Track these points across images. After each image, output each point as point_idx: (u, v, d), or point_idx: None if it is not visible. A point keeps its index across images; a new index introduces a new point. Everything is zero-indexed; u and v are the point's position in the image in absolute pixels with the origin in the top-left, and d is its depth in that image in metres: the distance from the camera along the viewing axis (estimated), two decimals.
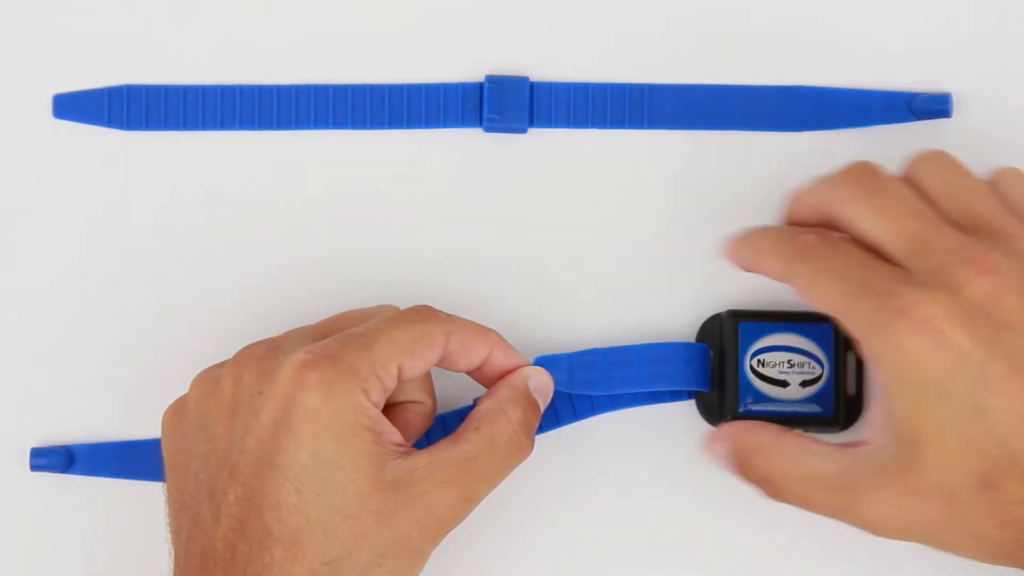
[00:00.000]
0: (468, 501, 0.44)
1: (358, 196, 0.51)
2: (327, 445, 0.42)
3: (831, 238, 0.44)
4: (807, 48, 0.52)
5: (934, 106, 0.51)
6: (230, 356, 0.45)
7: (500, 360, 0.47)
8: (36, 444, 0.50)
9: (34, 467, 0.50)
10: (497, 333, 0.47)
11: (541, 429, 0.49)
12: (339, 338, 0.44)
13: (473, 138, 0.51)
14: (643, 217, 0.51)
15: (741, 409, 0.48)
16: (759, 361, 0.48)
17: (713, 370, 0.49)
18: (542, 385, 0.47)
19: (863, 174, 0.44)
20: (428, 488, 0.43)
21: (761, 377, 0.48)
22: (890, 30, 0.52)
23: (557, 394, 0.49)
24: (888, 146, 0.51)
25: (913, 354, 0.41)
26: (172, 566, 0.45)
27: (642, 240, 0.50)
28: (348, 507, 0.42)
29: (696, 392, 0.49)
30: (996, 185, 0.45)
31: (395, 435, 0.44)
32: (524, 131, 0.51)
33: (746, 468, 0.45)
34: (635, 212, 0.51)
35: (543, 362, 0.48)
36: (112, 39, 0.51)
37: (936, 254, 0.42)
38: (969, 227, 0.43)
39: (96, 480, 0.50)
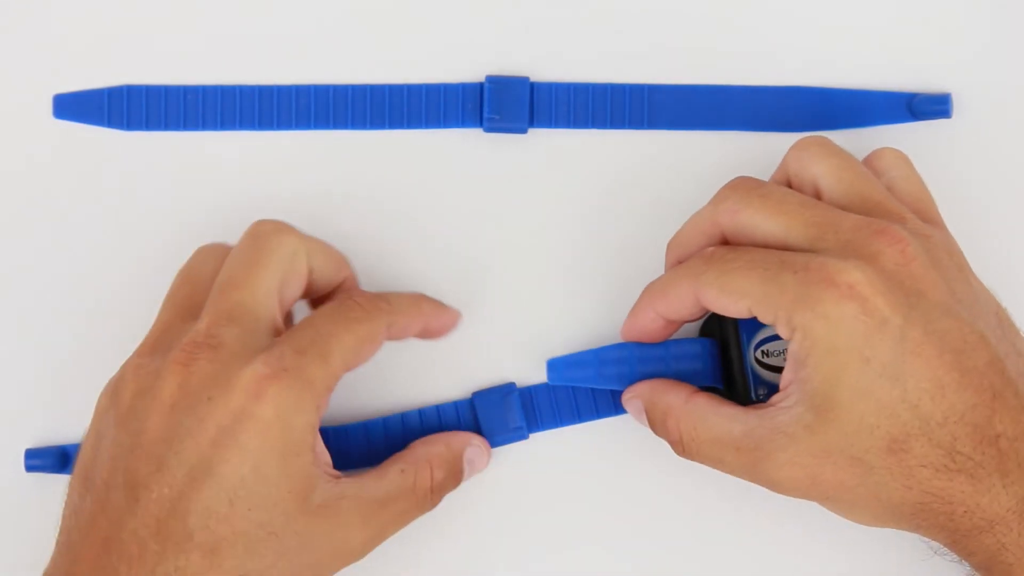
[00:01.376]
0: (378, 539, 0.45)
1: (358, 196, 0.51)
2: (270, 462, 0.42)
3: (731, 245, 0.45)
4: (807, 48, 0.52)
5: (934, 106, 0.51)
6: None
7: (434, 327, 0.48)
8: (30, 445, 0.50)
9: (29, 468, 0.50)
10: (427, 300, 0.48)
11: (566, 421, 0.50)
12: (295, 347, 0.43)
13: (473, 138, 0.51)
14: (643, 217, 0.51)
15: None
16: (763, 352, 0.48)
17: (721, 365, 0.48)
18: (476, 457, 0.48)
19: (746, 182, 0.45)
20: (350, 520, 0.43)
21: (767, 367, 0.48)
22: (890, 30, 0.52)
23: (581, 392, 0.49)
24: (888, 146, 0.51)
25: (838, 321, 0.42)
26: (56, 548, 0.43)
27: (642, 240, 0.50)
28: (274, 525, 0.42)
29: (707, 387, 0.49)
30: (877, 168, 0.47)
31: (326, 455, 0.44)
32: (524, 131, 0.51)
33: (658, 427, 0.47)
34: (635, 212, 0.51)
35: (569, 360, 0.49)
36: (112, 39, 0.51)
37: (843, 232, 0.43)
38: (860, 210, 0.44)
39: None
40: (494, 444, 0.49)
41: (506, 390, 0.49)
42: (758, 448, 0.43)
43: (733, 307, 0.44)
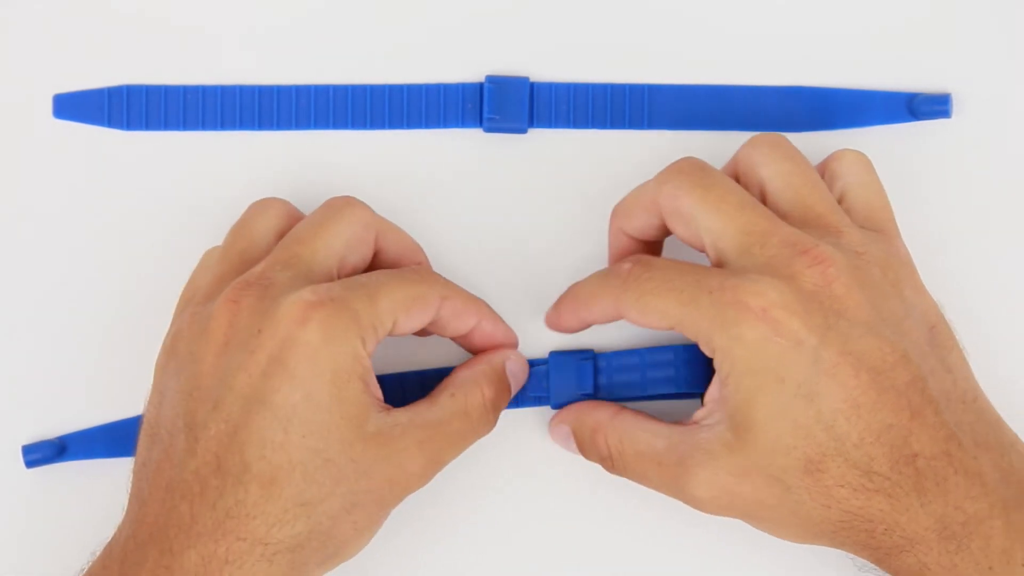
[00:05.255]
0: (436, 464, 0.45)
1: (358, 196, 0.51)
2: (321, 388, 0.42)
3: (647, 260, 0.45)
4: (807, 48, 0.52)
5: (934, 106, 0.51)
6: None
7: (487, 330, 0.48)
8: (25, 441, 0.50)
9: (29, 464, 0.50)
10: (487, 304, 0.48)
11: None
12: (344, 283, 0.44)
13: (473, 138, 0.51)
14: None
15: None
16: None
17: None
18: (518, 370, 0.49)
19: (692, 168, 0.45)
20: (406, 446, 0.44)
21: None
22: (890, 30, 0.52)
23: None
24: (888, 146, 0.51)
25: (752, 343, 0.42)
26: (127, 501, 0.44)
27: None
28: (330, 452, 0.42)
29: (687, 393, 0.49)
30: (834, 171, 0.47)
31: (378, 390, 0.44)
32: (524, 131, 0.51)
33: (587, 446, 0.47)
34: None
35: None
36: (112, 39, 0.51)
37: (770, 246, 0.43)
38: (799, 219, 0.44)
39: (92, 464, 0.50)
40: (557, 404, 0.49)
41: (583, 355, 0.49)
42: (679, 464, 0.44)
43: (656, 325, 0.44)
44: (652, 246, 0.49)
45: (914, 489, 0.41)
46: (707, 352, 0.43)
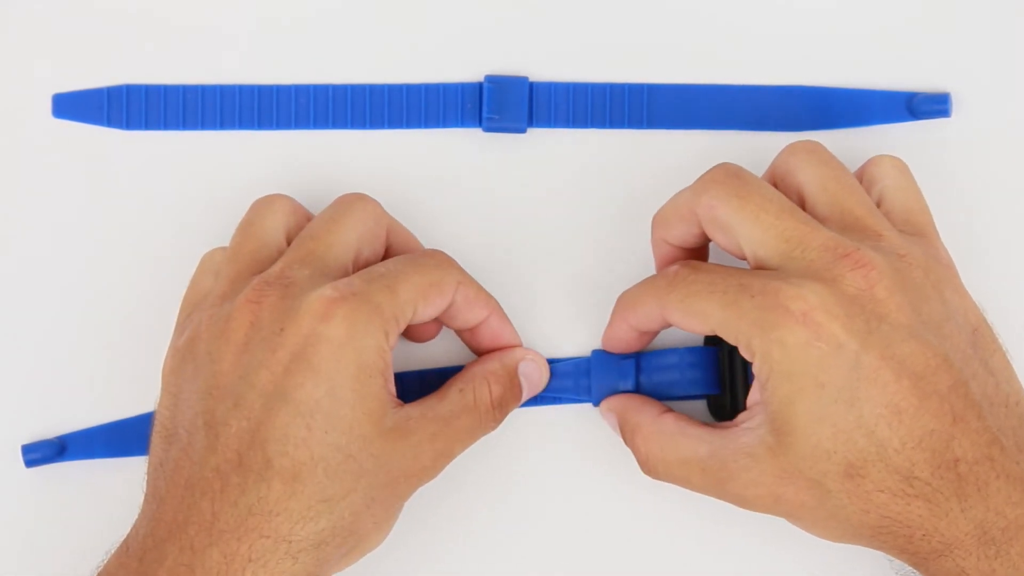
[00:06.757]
0: (447, 457, 0.45)
1: None
2: (344, 384, 0.42)
3: (694, 264, 0.45)
4: (807, 48, 0.52)
5: (933, 106, 0.51)
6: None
7: (495, 327, 0.48)
8: (25, 441, 0.50)
9: (29, 463, 0.50)
10: (497, 301, 0.48)
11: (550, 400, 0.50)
12: (364, 277, 0.44)
13: (473, 138, 0.51)
14: (643, 217, 0.51)
15: None
16: None
17: (722, 371, 0.48)
18: (533, 372, 0.49)
19: (729, 177, 0.45)
20: (420, 440, 0.44)
21: None
22: (890, 30, 0.52)
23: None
24: (887, 146, 0.51)
25: (792, 347, 0.42)
26: (143, 500, 0.44)
27: (643, 241, 0.50)
28: (351, 447, 0.42)
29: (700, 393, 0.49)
30: (872, 176, 0.47)
31: (392, 384, 0.44)
32: (523, 131, 0.51)
33: (628, 443, 0.47)
34: (635, 212, 0.51)
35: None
36: (112, 39, 0.51)
37: (811, 251, 0.43)
38: (838, 223, 0.44)
39: (92, 464, 0.50)
40: (599, 400, 0.49)
41: (623, 355, 0.49)
42: (723, 468, 0.44)
43: (698, 328, 0.44)
44: (696, 252, 0.48)
45: (955, 494, 0.41)
46: (747, 356, 0.43)
